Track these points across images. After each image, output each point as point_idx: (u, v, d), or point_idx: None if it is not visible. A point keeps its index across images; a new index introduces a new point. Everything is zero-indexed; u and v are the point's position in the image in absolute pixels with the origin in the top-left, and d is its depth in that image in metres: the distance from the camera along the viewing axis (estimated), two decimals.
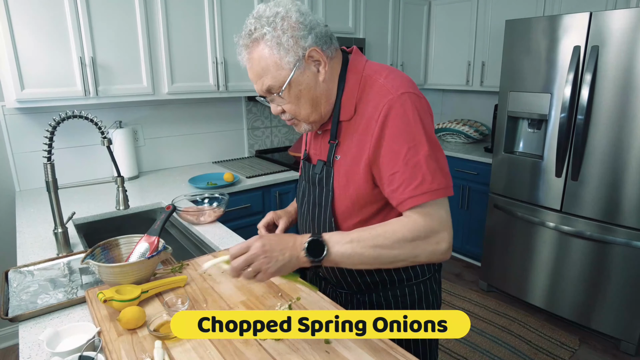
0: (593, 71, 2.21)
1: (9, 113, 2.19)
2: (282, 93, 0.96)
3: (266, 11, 0.93)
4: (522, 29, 2.52)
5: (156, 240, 1.26)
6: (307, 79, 0.96)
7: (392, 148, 0.92)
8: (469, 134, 3.62)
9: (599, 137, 2.25)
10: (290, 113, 1.01)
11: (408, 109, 0.92)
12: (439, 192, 0.90)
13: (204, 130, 2.90)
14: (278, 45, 0.91)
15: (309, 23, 0.94)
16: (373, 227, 0.91)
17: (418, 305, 1.14)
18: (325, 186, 1.06)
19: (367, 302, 1.14)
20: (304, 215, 1.16)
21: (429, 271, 1.15)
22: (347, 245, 0.88)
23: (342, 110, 1.01)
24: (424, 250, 0.90)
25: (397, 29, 3.46)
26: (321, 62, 0.96)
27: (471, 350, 2.39)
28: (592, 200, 2.34)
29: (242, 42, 0.96)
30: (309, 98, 0.98)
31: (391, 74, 0.98)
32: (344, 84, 1.00)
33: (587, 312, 2.46)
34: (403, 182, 0.90)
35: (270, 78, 0.94)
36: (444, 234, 0.90)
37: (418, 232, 0.89)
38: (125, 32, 2.16)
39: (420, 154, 0.90)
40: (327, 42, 0.97)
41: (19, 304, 1.15)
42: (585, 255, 2.42)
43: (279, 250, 0.87)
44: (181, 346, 0.91)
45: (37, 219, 1.82)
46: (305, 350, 0.90)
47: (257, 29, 0.92)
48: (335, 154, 1.04)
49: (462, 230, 3.41)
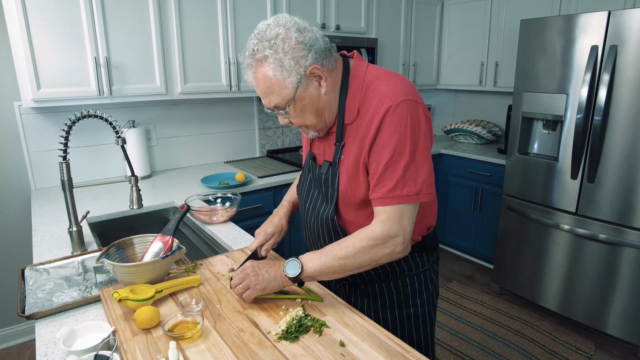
0: (611, 71, 2.17)
1: (25, 112, 2.22)
2: (288, 109, 1.03)
3: (267, 32, 0.98)
4: (537, 28, 2.48)
5: (170, 239, 1.27)
6: (310, 94, 1.02)
7: (379, 150, 1.00)
8: (481, 135, 3.58)
9: (617, 138, 2.21)
10: (296, 124, 1.08)
11: (402, 117, 0.98)
12: (407, 198, 0.99)
13: (216, 130, 2.91)
14: (280, 67, 0.97)
15: (309, 41, 0.98)
16: (339, 243, 1.03)
17: (419, 295, 1.20)
18: (330, 186, 1.11)
19: (369, 293, 1.20)
20: (308, 213, 1.21)
21: (428, 262, 1.20)
22: (317, 262, 1.02)
23: (346, 113, 1.07)
24: (383, 254, 1.01)
25: (409, 28, 3.44)
26: (322, 77, 1.02)
27: (484, 353, 2.36)
28: (609, 202, 2.29)
29: (247, 62, 1.01)
30: (313, 110, 1.04)
31: (392, 80, 1.03)
32: (347, 89, 1.06)
33: (603, 317, 2.41)
34: (379, 182, 1.01)
35: (275, 97, 1.01)
36: (399, 238, 1.01)
37: (375, 241, 1.00)
38: (139, 32, 2.17)
39: (400, 161, 0.98)
40: (327, 56, 1.02)
41: (35, 302, 1.16)
42: (600, 259, 2.37)
43: (265, 270, 1.05)
44: (196, 347, 0.91)
45: (52, 218, 1.83)
46: (320, 353, 0.89)
47: (260, 51, 0.97)
48: (340, 154, 1.09)
49: (474, 232, 3.37)
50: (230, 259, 1.35)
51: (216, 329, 0.97)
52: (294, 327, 0.96)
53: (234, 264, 1.31)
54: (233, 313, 1.04)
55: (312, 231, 1.20)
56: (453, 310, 2.80)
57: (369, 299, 1.20)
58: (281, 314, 1.03)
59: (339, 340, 0.93)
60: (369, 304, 1.20)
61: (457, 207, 3.45)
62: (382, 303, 1.19)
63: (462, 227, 3.47)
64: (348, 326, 0.98)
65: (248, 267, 1.05)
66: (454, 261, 3.53)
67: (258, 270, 1.04)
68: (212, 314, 1.04)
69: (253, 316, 1.03)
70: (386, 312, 1.19)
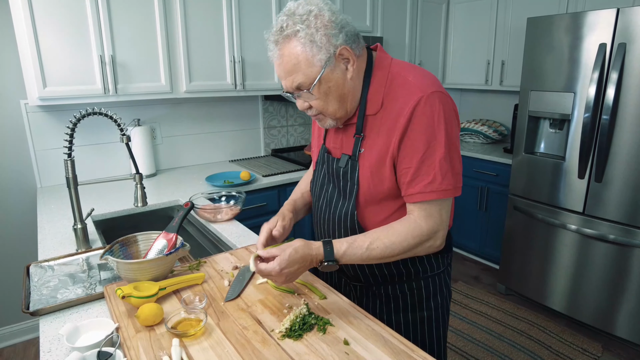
0: (620, 69, 2.14)
1: (32, 111, 2.23)
2: (312, 90, 0.98)
3: (298, 9, 0.94)
4: (544, 26, 2.46)
5: (174, 237, 1.26)
6: (336, 77, 0.98)
7: (412, 144, 0.96)
8: (487, 134, 3.56)
9: (625, 137, 2.18)
10: (317, 109, 1.03)
11: (435, 109, 0.95)
12: (447, 192, 0.97)
13: (221, 129, 2.91)
14: (311, 42, 0.93)
15: (340, 22, 0.96)
16: (380, 238, 0.98)
17: (433, 297, 1.16)
18: (350, 179, 1.07)
19: (382, 295, 1.16)
20: (322, 209, 1.16)
21: (443, 264, 1.17)
22: (354, 257, 0.98)
23: (368, 105, 1.03)
24: (423, 247, 1.01)
25: (415, 27, 3.42)
26: (350, 60, 0.99)
27: (489, 354, 2.34)
28: (617, 202, 2.27)
29: (273, 38, 0.97)
30: (337, 95, 1.00)
31: (419, 72, 1.01)
32: (370, 80, 1.03)
33: (610, 318, 2.39)
34: (416, 177, 0.97)
35: (301, 75, 0.96)
36: (440, 232, 1.00)
37: (422, 237, 0.99)
38: (144, 31, 2.18)
39: (436, 154, 0.95)
40: (356, 41, 0.99)
41: (40, 298, 1.16)
42: (608, 259, 2.34)
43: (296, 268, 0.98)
44: (199, 344, 0.91)
45: (57, 215, 1.84)
46: (323, 351, 0.88)
47: (289, 26, 0.93)
48: (360, 147, 1.05)
49: (479, 232, 3.35)
50: (234, 256, 1.35)
51: (219, 327, 0.97)
52: (297, 325, 0.95)
53: (238, 261, 1.31)
54: (236, 311, 1.04)
55: (326, 228, 1.15)
56: (458, 310, 2.78)
57: (381, 301, 1.16)
58: (285, 312, 1.03)
59: (343, 338, 0.92)
60: (382, 306, 1.17)
61: (463, 206, 3.43)
62: (395, 306, 1.15)
63: (467, 227, 3.44)
64: (352, 324, 0.97)
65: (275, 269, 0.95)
66: (459, 261, 3.51)
67: (284, 271, 0.96)
68: (216, 311, 1.04)
69: (256, 314, 1.02)
70: (399, 315, 1.15)
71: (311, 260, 0.98)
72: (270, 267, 0.95)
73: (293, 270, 0.96)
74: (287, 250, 0.95)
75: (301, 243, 0.98)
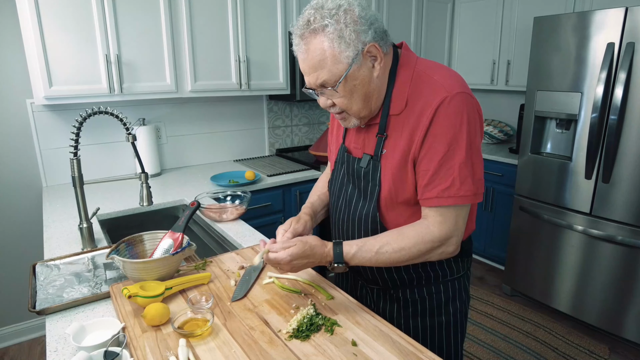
0: (628, 69, 2.12)
1: (37, 110, 2.24)
2: (337, 87, 0.94)
3: (327, 2, 0.91)
4: (551, 26, 2.44)
5: (180, 236, 1.26)
6: (363, 74, 0.95)
7: (433, 145, 0.93)
8: (493, 135, 3.54)
9: (634, 138, 2.16)
10: (341, 107, 1.00)
11: (459, 111, 0.92)
12: (465, 198, 0.94)
13: (226, 129, 2.90)
14: (339, 38, 0.89)
15: (370, 18, 0.92)
16: (389, 242, 0.97)
17: (452, 302, 1.12)
18: (371, 180, 1.04)
19: (400, 299, 1.13)
20: (340, 210, 1.14)
21: (463, 268, 1.13)
22: (363, 260, 0.98)
23: (392, 104, 1.00)
24: (435, 254, 0.99)
25: (420, 27, 3.41)
26: (377, 58, 0.95)
27: (495, 355, 2.32)
28: (624, 203, 2.24)
29: (298, 31, 0.93)
30: (362, 93, 0.97)
31: (445, 72, 0.97)
32: (395, 78, 0.99)
33: (617, 320, 2.36)
34: (433, 180, 0.94)
35: (326, 72, 0.92)
36: (453, 239, 0.97)
37: (433, 243, 0.96)
38: (150, 30, 2.18)
39: (456, 157, 0.92)
40: (384, 38, 0.96)
41: (46, 297, 1.16)
42: (615, 260, 2.32)
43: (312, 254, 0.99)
44: (205, 345, 0.90)
45: (63, 214, 1.84)
46: (331, 352, 0.88)
47: (317, 20, 0.90)
48: (382, 147, 1.02)
49: (485, 232, 3.33)
50: (240, 256, 1.34)
51: (226, 327, 0.96)
52: (305, 325, 0.94)
53: (244, 261, 1.30)
54: (243, 311, 1.03)
55: (345, 228, 1.12)
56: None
57: (399, 305, 1.13)
58: (292, 312, 1.02)
59: (351, 339, 0.91)
60: (399, 311, 1.13)
61: None
62: (413, 310, 1.12)
63: None
64: (360, 325, 0.97)
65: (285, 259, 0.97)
66: None
67: (294, 262, 0.98)
68: (222, 311, 1.03)
69: (263, 314, 1.01)
70: (417, 320, 1.12)
71: (321, 258, 0.99)
72: (280, 257, 0.97)
73: (302, 264, 0.99)
74: (301, 245, 0.97)
75: (316, 241, 1.00)
